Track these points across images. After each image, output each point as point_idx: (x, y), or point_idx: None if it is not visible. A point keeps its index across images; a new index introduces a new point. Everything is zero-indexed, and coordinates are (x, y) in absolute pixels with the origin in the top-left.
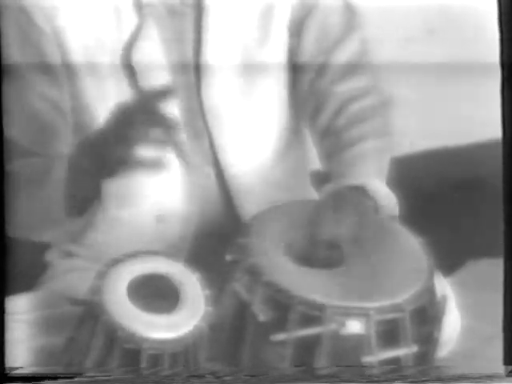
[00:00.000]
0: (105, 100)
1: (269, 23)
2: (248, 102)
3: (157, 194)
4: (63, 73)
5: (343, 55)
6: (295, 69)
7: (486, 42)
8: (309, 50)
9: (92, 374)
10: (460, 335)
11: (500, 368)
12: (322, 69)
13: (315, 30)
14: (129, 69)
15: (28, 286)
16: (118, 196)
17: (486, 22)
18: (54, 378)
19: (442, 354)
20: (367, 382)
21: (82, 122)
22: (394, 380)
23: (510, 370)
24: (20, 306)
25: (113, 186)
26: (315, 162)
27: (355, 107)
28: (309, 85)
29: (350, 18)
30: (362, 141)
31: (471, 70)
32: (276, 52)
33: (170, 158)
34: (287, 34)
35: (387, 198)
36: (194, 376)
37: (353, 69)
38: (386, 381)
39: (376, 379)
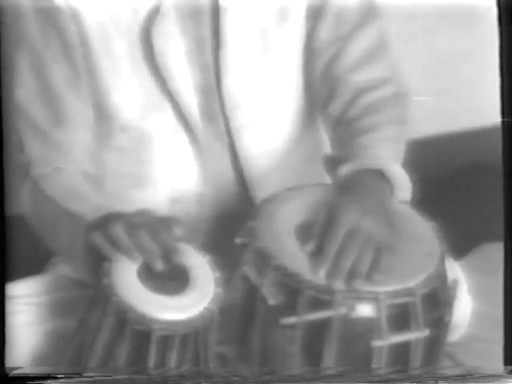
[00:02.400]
0: (121, 80)
1: (287, 6)
2: (263, 85)
3: (171, 176)
4: (79, 51)
5: (361, 43)
6: (310, 53)
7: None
8: (325, 36)
9: (95, 374)
10: (471, 319)
11: (500, 367)
12: (337, 55)
13: (332, 15)
14: (145, 47)
15: (36, 269)
16: (132, 176)
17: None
18: (56, 377)
19: (453, 338)
20: (372, 382)
21: (98, 102)
22: (396, 380)
23: (510, 369)
24: (29, 289)
25: (127, 167)
26: (328, 148)
27: (370, 97)
28: (323, 70)
29: (369, 7)
30: (375, 130)
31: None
32: (293, 36)
33: (185, 138)
34: (304, 17)
35: (403, 182)
36: (201, 376)
37: (370, 58)
38: (389, 381)
39: (379, 379)
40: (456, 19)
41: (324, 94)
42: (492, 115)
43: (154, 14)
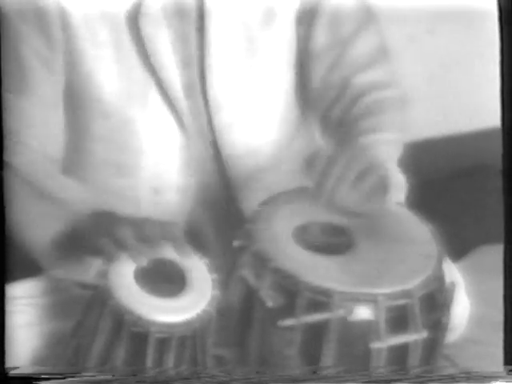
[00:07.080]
0: (105, 67)
1: (273, 7)
2: (249, 86)
3: (155, 166)
4: (61, 35)
5: (360, 46)
6: (306, 56)
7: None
8: (322, 39)
9: (93, 374)
10: (469, 321)
11: (500, 367)
12: (338, 59)
13: (327, 18)
14: (132, 38)
15: (35, 270)
16: (115, 166)
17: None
18: (56, 377)
19: (450, 340)
20: (370, 381)
21: (80, 89)
22: (396, 380)
23: (510, 369)
24: (28, 290)
25: (111, 156)
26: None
27: (371, 99)
28: (324, 74)
29: (366, 10)
30: (374, 132)
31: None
32: (280, 37)
33: (170, 127)
34: (294, 19)
35: (398, 183)
36: (199, 378)
37: (370, 61)
38: (389, 381)
39: (378, 381)
40: (456, 20)
41: (326, 97)
42: (492, 117)
43: (140, 4)
